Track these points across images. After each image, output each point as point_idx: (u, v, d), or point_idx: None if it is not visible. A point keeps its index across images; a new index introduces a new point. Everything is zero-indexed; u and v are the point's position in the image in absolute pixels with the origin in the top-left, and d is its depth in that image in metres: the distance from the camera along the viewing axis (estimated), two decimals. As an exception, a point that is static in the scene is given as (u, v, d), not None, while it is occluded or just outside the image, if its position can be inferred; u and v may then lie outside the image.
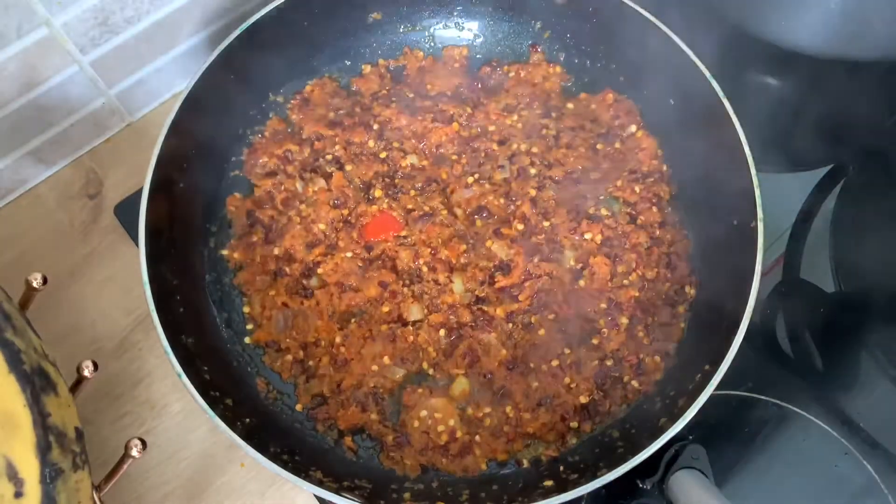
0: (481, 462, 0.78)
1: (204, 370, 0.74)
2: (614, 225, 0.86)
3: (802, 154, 1.05)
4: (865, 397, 0.88)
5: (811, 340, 0.93)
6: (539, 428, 0.78)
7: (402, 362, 0.81)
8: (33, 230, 0.94)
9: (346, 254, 0.85)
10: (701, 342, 0.78)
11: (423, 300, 0.83)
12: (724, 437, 0.85)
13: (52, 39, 0.83)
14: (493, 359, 0.80)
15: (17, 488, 0.54)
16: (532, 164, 0.89)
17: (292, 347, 0.82)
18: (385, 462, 0.78)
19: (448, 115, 0.93)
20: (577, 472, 0.73)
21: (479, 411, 0.79)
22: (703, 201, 0.86)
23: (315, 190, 0.88)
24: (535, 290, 0.82)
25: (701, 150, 0.86)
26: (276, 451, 0.71)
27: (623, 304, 0.82)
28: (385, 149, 0.91)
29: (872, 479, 0.83)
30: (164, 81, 1.00)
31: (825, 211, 0.99)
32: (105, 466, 0.67)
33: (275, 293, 0.84)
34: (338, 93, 0.96)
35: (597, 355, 0.80)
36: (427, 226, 0.85)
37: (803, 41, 0.98)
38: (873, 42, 0.95)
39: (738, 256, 0.76)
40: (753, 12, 0.99)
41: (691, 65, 0.83)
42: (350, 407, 0.79)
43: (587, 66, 0.96)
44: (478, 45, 0.99)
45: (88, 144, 0.99)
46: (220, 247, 0.88)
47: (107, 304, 0.91)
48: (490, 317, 0.82)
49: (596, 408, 0.79)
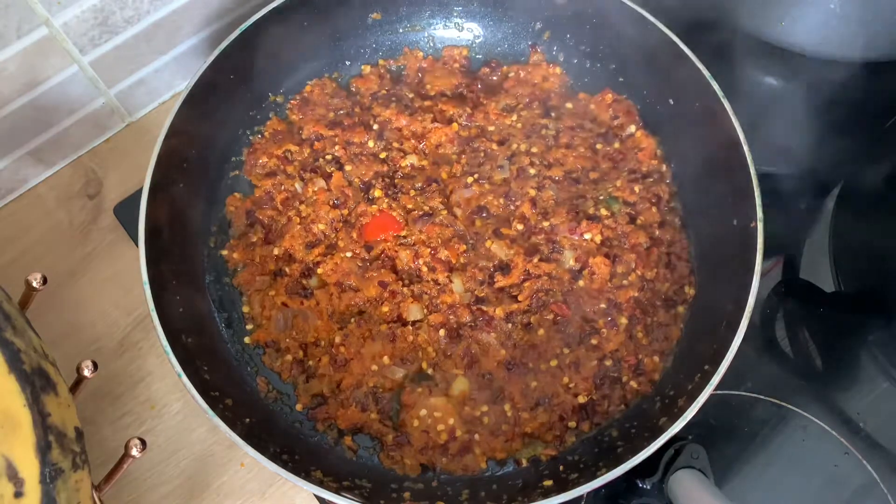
0: (481, 461, 0.78)
1: (204, 370, 0.74)
2: (614, 225, 0.86)
3: (803, 154, 1.04)
4: (865, 397, 0.88)
5: (811, 340, 0.93)
6: (537, 427, 0.78)
7: (402, 362, 0.81)
8: (33, 230, 0.94)
9: (346, 254, 0.85)
10: (700, 342, 0.78)
11: (423, 300, 0.83)
12: (724, 437, 0.85)
13: (52, 39, 0.83)
14: (491, 359, 0.80)
15: (17, 488, 0.54)
16: (531, 165, 0.89)
17: (292, 347, 0.82)
18: (385, 461, 0.78)
19: (448, 116, 0.93)
20: (577, 471, 0.72)
21: (477, 410, 0.79)
22: (703, 201, 0.86)
23: (314, 190, 0.88)
24: (534, 290, 0.82)
25: (700, 150, 0.86)
26: (276, 450, 0.71)
27: (622, 304, 0.82)
28: (385, 149, 0.91)
29: (872, 479, 0.83)
30: (163, 81, 1.00)
31: (825, 211, 0.99)
32: (105, 466, 0.68)
33: (274, 293, 0.84)
34: (337, 93, 0.96)
35: (596, 355, 0.80)
36: (427, 226, 0.85)
37: (803, 41, 0.98)
38: (873, 42, 0.95)
39: (738, 256, 0.76)
40: (753, 12, 0.99)
41: (691, 65, 0.83)
42: (350, 407, 0.79)
43: (587, 67, 0.96)
44: (478, 45, 1.00)
45: (88, 144, 0.99)
46: (220, 247, 0.88)
47: (107, 304, 0.91)
48: (490, 317, 0.82)
49: (594, 408, 0.79)
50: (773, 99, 1.07)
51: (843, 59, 1.00)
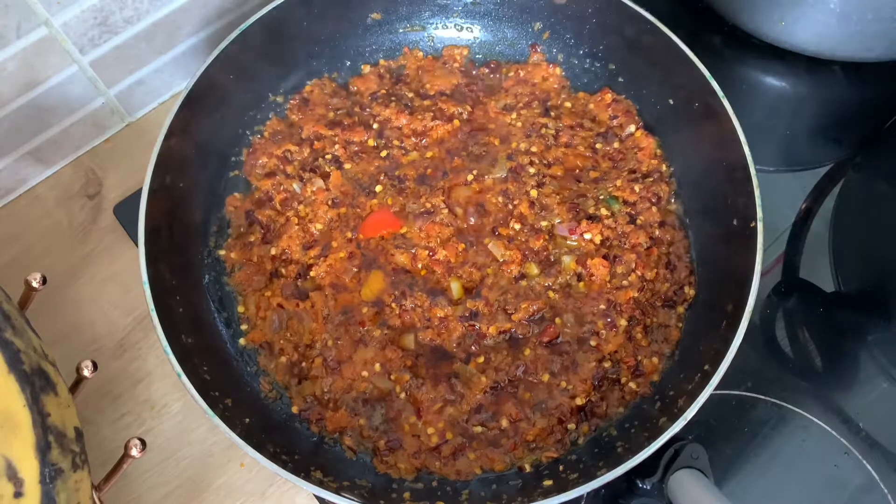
0: (475, 467, 0.77)
1: (203, 370, 0.74)
2: (614, 225, 0.86)
3: (802, 154, 1.05)
4: (865, 397, 0.88)
5: (811, 340, 0.93)
6: (538, 433, 0.77)
7: (389, 378, 0.79)
8: (33, 230, 0.94)
9: (342, 254, 0.84)
10: (700, 342, 0.78)
11: (416, 312, 0.82)
12: (724, 437, 0.85)
13: (52, 39, 0.83)
14: (474, 391, 0.78)
15: (16, 488, 0.54)
16: (531, 164, 0.89)
17: (286, 349, 0.82)
18: (379, 466, 0.77)
19: (447, 114, 0.93)
20: (577, 471, 0.72)
21: (471, 427, 0.78)
22: (703, 201, 0.86)
23: (313, 190, 0.88)
24: (530, 311, 0.82)
25: (700, 149, 0.86)
26: (276, 450, 0.71)
27: (622, 305, 0.82)
28: (385, 147, 0.91)
29: (872, 479, 0.83)
30: (163, 81, 1.00)
31: (825, 211, 0.99)
32: (105, 466, 0.68)
33: (270, 294, 0.84)
34: (337, 93, 0.96)
35: (594, 357, 0.80)
36: (427, 224, 0.85)
37: (803, 41, 0.98)
38: (873, 42, 0.95)
39: (737, 256, 0.76)
40: (753, 12, 0.99)
41: (691, 65, 0.83)
42: (339, 410, 0.79)
43: (586, 67, 0.96)
44: (477, 45, 1.00)
45: (88, 144, 0.99)
46: (220, 247, 0.88)
47: (106, 304, 0.91)
48: (482, 335, 0.81)
49: (593, 409, 0.79)
50: (773, 99, 1.07)
51: (843, 59, 1.00)
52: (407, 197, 0.88)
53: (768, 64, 1.06)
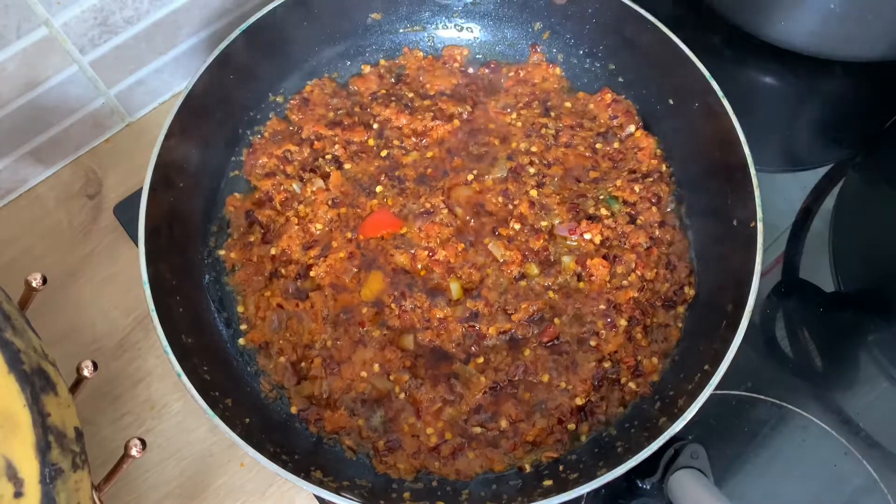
0: (475, 467, 0.77)
1: (204, 370, 0.74)
2: (614, 225, 0.86)
3: (802, 154, 1.05)
4: (865, 397, 0.88)
5: (811, 340, 0.93)
6: (538, 433, 0.78)
7: (388, 379, 0.79)
8: (33, 230, 0.94)
9: (342, 254, 0.85)
10: (700, 342, 0.78)
11: (416, 313, 0.82)
12: (724, 437, 0.85)
13: (52, 39, 0.83)
14: (473, 391, 0.78)
15: (16, 488, 0.54)
16: (531, 164, 0.89)
17: (286, 349, 0.82)
18: (378, 467, 0.77)
19: (447, 114, 0.93)
20: (577, 471, 0.72)
21: (470, 427, 0.78)
22: (703, 201, 0.86)
23: (313, 190, 0.88)
24: (530, 311, 0.82)
25: (700, 150, 0.86)
26: (276, 450, 0.71)
27: (622, 305, 0.82)
28: (385, 147, 0.91)
29: (872, 479, 0.83)
30: (163, 81, 1.00)
31: (825, 211, 0.99)
32: (105, 466, 0.68)
33: (270, 294, 0.84)
34: (337, 93, 0.96)
35: (594, 357, 0.80)
36: (427, 224, 0.85)
37: (803, 41, 0.98)
38: (873, 42, 0.95)
39: (737, 256, 0.76)
40: (753, 12, 0.99)
41: (691, 65, 0.83)
42: (338, 410, 0.79)
43: (586, 67, 0.96)
44: (478, 45, 1.00)
45: (88, 144, 0.99)
46: (220, 247, 0.88)
47: (106, 304, 0.91)
48: (482, 335, 0.81)
49: (593, 409, 0.79)
50: (773, 99, 1.07)
51: (843, 58, 1.00)
52: (407, 197, 0.88)
53: (768, 64, 1.06)
